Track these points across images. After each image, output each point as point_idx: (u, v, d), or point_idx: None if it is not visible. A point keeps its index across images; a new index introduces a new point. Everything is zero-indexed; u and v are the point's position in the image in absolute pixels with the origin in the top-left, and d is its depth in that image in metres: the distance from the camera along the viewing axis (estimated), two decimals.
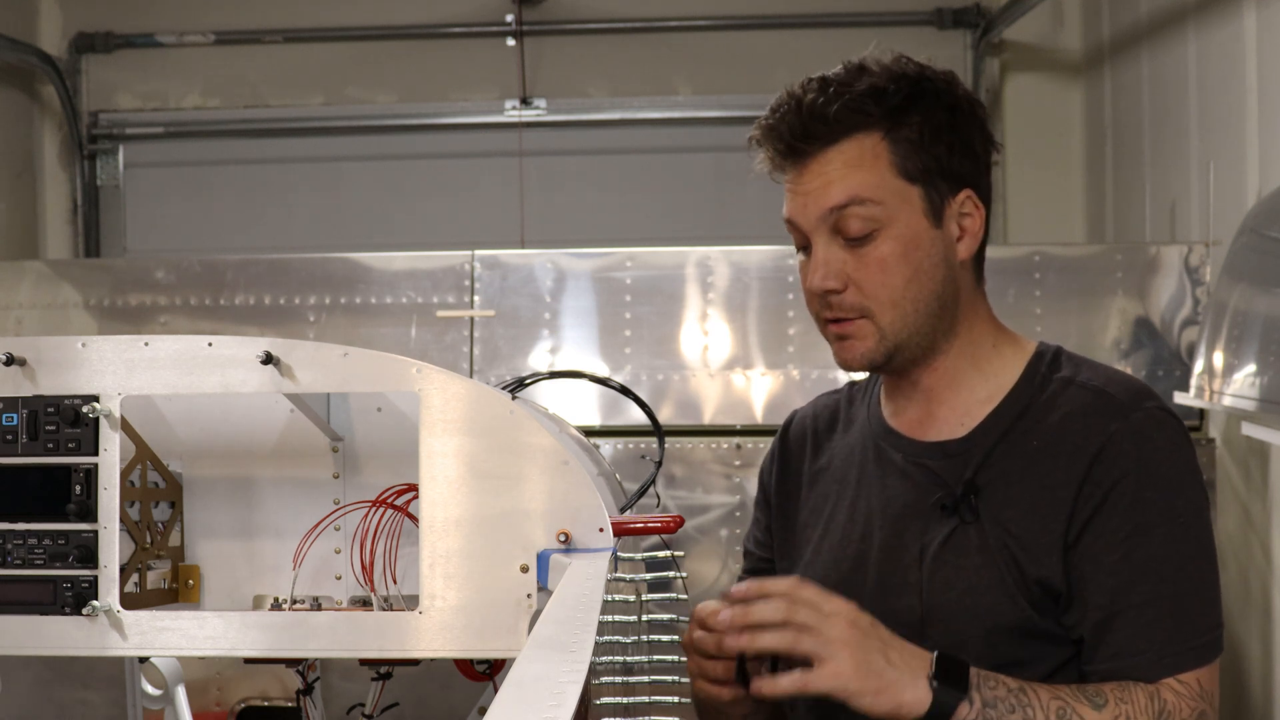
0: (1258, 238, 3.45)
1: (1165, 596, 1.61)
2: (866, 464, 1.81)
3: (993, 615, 1.65)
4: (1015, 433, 1.71)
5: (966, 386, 1.75)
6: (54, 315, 4.70)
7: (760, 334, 4.50)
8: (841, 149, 1.67)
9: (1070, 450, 1.66)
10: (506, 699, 1.02)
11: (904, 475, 1.76)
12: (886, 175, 1.67)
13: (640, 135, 6.70)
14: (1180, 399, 3.84)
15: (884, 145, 1.67)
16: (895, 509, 1.75)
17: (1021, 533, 1.65)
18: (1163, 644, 1.61)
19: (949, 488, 1.70)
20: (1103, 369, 1.75)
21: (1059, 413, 1.69)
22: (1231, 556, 4.41)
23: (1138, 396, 1.69)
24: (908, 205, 1.68)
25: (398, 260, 4.66)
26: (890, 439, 1.79)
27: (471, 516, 1.67)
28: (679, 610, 1.70)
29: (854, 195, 1.66)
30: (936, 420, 1.76)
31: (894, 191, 1.67)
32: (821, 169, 1.67)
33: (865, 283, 1.68)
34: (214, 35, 6.69)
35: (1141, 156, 5.50)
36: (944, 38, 6.52)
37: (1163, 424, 1.67)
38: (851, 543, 1.78)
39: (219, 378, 1.71)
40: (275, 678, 4.05)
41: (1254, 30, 4.18)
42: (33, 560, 1.73)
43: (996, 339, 1.78)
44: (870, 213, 1.66)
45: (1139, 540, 1.62)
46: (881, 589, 1.72)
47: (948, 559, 1.68)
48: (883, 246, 1.67)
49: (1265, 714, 4.21)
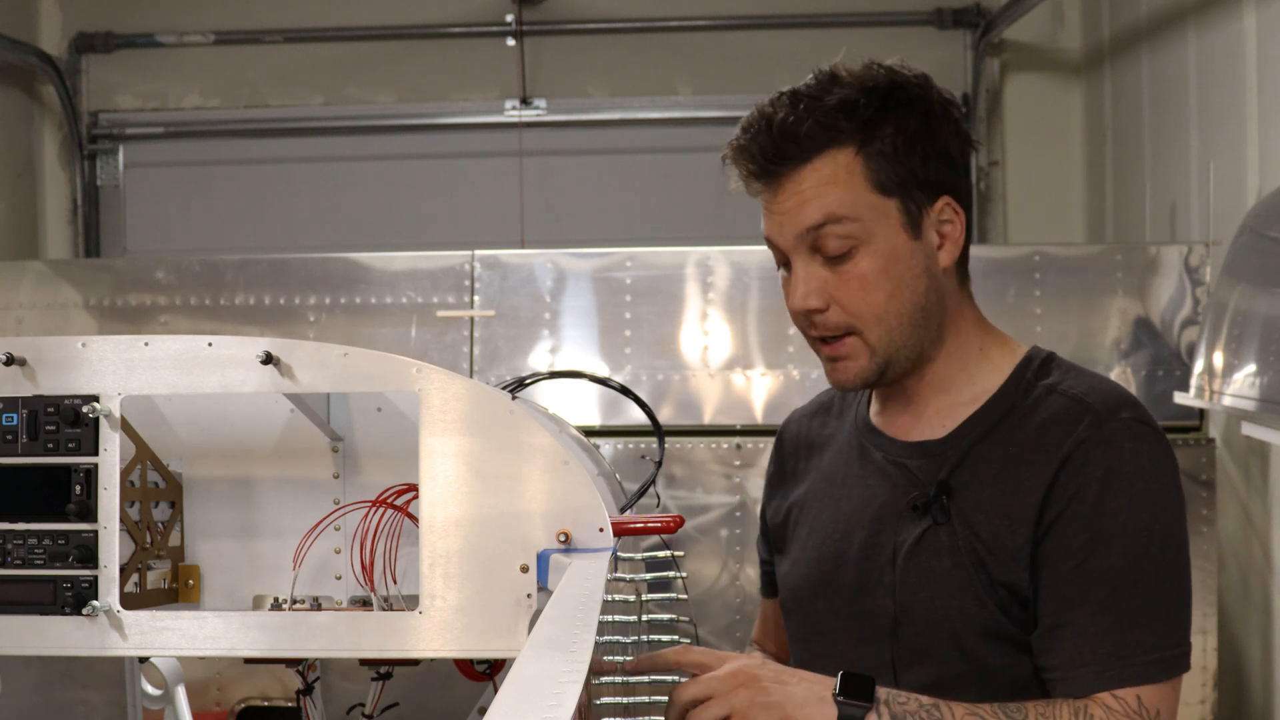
0: (1258, 238, 3.45)
1: (1116, 609, 1.58)
2: (851, 462, 1.81)
3: (961, 617, 1.64)
4: (994, 436, 1.69)
5: (954, 389, 1.74)
6: (54, 315, 4.71)
7: (760, 334, 4.50)
8: (815, 167, 1.65)
9: (1041, 457, 1.64)
10: (506, 699, 1.02)
11: (883, 474, 1.75)
12: (862, 191, 1.65)
13: (640, 135, 6.70)
14: (1180, 399, 3.84)
15: (858, 161, 1.65)
16: (874, 508, 1.74)
17: (988, 536, 1.64)
18: (1105, 658, 1.57)
19: (924, 488, 1.70)
20: (1089, 377, 1.72)
21: (1037, 419, 1.67)
22: (1231, 556, 4.41)
23: (1116, 406, 1.65)
24: (885, 219, 1.66)
25: (398, 260, 4.66)
26: (874, 438, 1.79)
27: (471, 516, 1.67)
28: (679, 610, 1.70)
29: (829, 214, 1.64)
30: (921, 421, 1.76)
31: (870, 207, 1.65)
32: (796, 188, 1.65)
33: (847, 301, 1.67)
34: (214, 35, 6.69)
35: (1141, 156, 5.50)
36: (944, 38, 6.53)
37: (1139, 436, 1.63)
38: (832, 541, 1.77)
39: (219, 378, 1.71)
40: (275, 678, 4.05)
41: (1254, 30, 4.18)
42: (33, 560, 1.73)
43: (984, 342, 1.76)
44: (847, 230, 1.65)
45: (1097, 549, 1.59)
46: (858, 588, 1.72)
47: (919, 560, 1.67)
48: (862, 263, 1.65)
49: (1265, 714, 4.21)
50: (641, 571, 1.71)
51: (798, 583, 1.82)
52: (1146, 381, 4.35)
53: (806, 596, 1.80)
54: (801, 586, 1.81)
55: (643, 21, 6.69)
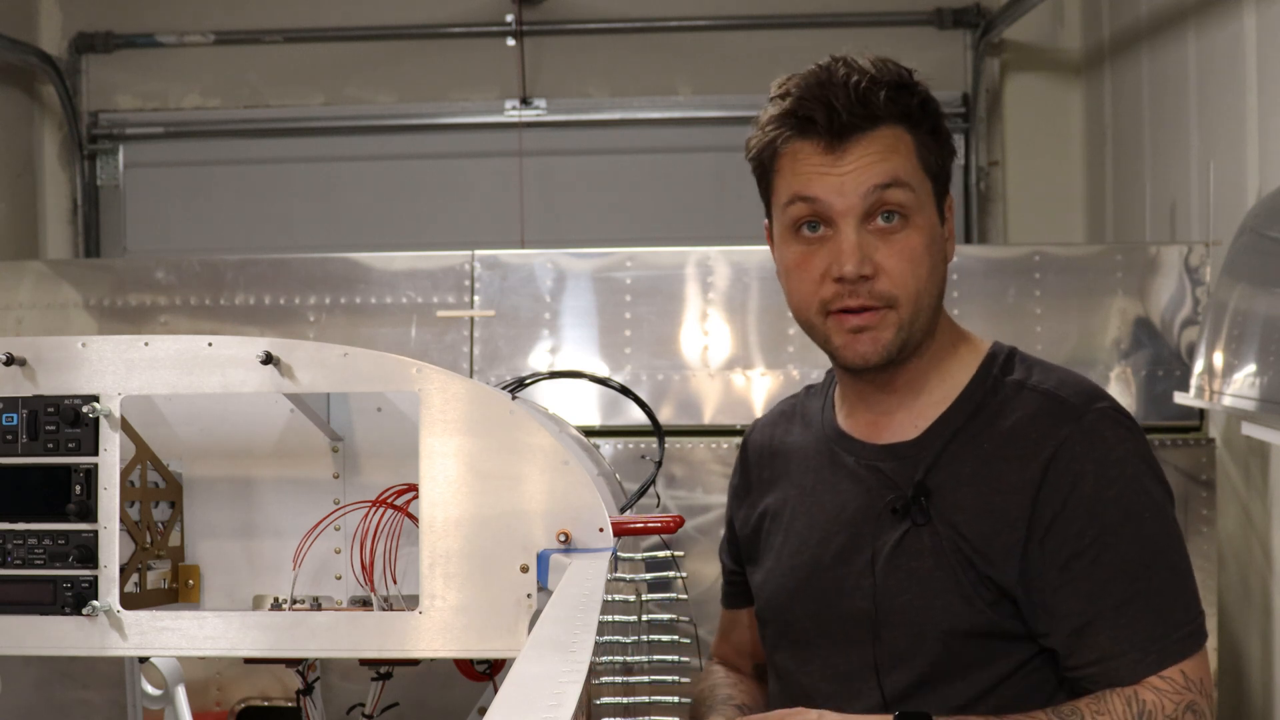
0: (1258, 238, 3.45)
1: (1140, 594, 1.61)
2: (822, 469, 1.81)
3: (948, 618, 1.65)
4: (965, 435, 1.70)
5: (926, 389, 1.76)
6: (54, 315, 4.70)
7: (760, 334, 4.50)
8: (881, 134, 1.69)
9: (1023, 455, 1.66)
10: (506, 699, 1.02)
11: (856, 479, 1.76)
12: (915, 165, 1.70)
13: (640, 135, 6.70)
14: (1180, 399, 3.84)
15: (909, 137, 1.70)
16: (848, 513, 1.75)
17: (973, 535, 1.64)
18: (1144, 643, 1.60)
19: (900, 490, 1.70)
20: (1055, 371, 1.74)
21: (1011, 417, 1.69)
22: (1231, 556, 4.41)
23: (1089, 398, 1.69)
24: (927, 199, 1.71)
25: (398, 260, 4.66)
26: (843, 443, 1.79)
27: (471, 516, 1.67)
28: (679, 610, 1.70)
29: (896, 176, 1.68)
30: (891, 423, 1.76)
31: (919, 182, 1.70)
32: (865, 149, 1.68)
33: (895, 271, 1.68)
34: (214, 35, 6.69)
35: (1141, 156, 5.50)
36: (944, 38, 6.52)
37: (1117, 423, 1.67)
38: (808, 548, 1.78)
39: (219, 378, 1.71)
40: (275, 678, 4.05)
41: (1254, 30, 4.18)
42: (33, 560, 1.73)
43: (955, 340, 1.79)
44: (906, 197, 1.69)
45: (1107, 541, 1.62)
46: (837, 593, 1.73)
47: (900, 562, 1.68)
48: (913, 236, 1.69)
49: (1265, 714, 4.21)
50: (641, 571, 1.71)
51: (774, 591, 1.82)
52: (1146, 381, 4.35)
53: (784, 604, 1.80)
54: (778, 595, 1.81)
55: (643, 21, 6.69)
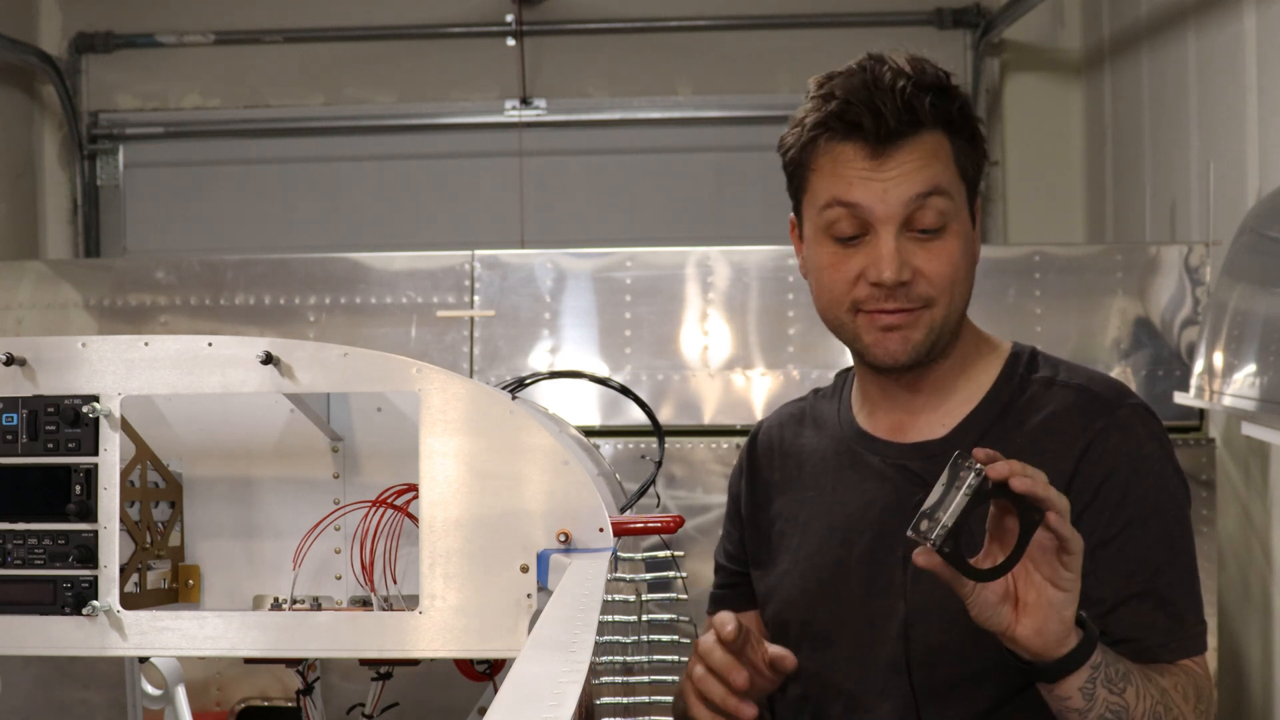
0: (1258, 238, 3.45)
1: (1158, 588, 1.64)
2: (842, 469, 1.81)
3: None
4: (995, 432, 1.71)
5: (952, 389, 1.77)
6: (54, 315, 4.70)
7: (760, 334, 4.50)
8: (923, 140, 1.68)
9: (1056, 448, 1.68)
10: (506, 699, 1.02)
11: (883, 478, 1.76)
12: (954, 172, 1.70)
13: (640, 135, 6.69)
14: (1180, 399, 3.84)
15: (947, 143, 1.70)
16: (875, 513, 1.75)
17: None
18: (1166, 631, 1.63)
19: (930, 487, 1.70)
20: (1080, 369, 1.77)
21: (1043, 413, 1.71)
22: (1231, 556, 4.41)
23: (1120, 394, 1.72)
24: (964, 204, 1.72)
25: (398, 260, 4.66)
26: (865, 443, 1.80)
27: (471, 516, 1.67)
28: (679, 610, 1.70)
29: (936, 185, 1.68)
30: (916, 422, 1.77)
31: (957, 189, 1.71)
32: (907, 156, 1.68)
33: (935, 274, 1.69)
34: (214, 35, 6.69)
35: (1141, 156, 5.50)
36: (944, 38, 6.52)
37: (1147, 420, 1.70)
38: (830, 548, 1.77)
39: (219, 378, 1.71)
40: (275, 678, 4.05)
41: (1254, 30, 4.18)
42: (33, 560, 1.73)
43: (978, 341, 1.81)
44: (946, 205, 1.69)
45: (1133, 534, 1.64)
46: (865, 593, 1.73)
47: None
48: (951, 241, 1.70)
49: (1265, 714, 4.21)
50: (641, 571, 1.71)
51: (792, 593, 1.82)
52: (1146, 381, 4.35)
53: (806, 604, 1.80)
54: (798, 597, 1.81)
55: (643, 21, 6.69)
